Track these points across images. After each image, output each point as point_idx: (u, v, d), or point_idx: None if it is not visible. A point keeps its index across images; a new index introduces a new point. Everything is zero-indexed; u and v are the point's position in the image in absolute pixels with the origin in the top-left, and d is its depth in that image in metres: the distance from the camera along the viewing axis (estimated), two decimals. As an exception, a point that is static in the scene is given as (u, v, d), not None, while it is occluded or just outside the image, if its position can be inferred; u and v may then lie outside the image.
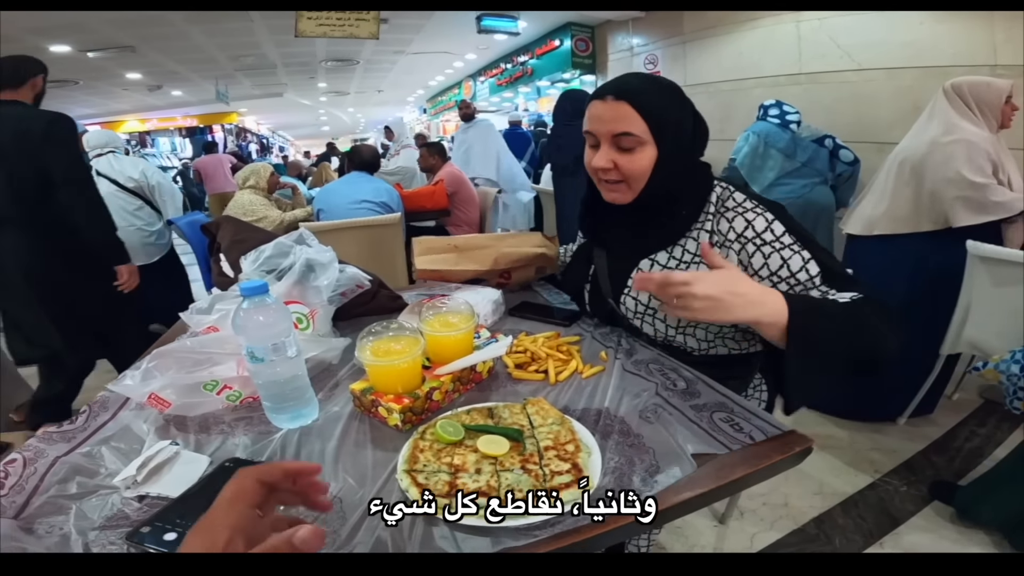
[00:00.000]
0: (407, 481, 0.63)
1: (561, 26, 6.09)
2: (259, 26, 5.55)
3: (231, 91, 8.86)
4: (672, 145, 0.90)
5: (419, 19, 5.78)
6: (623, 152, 0.90)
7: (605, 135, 0.91)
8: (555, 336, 1.04)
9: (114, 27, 5.01)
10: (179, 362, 0.85)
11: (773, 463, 0.69)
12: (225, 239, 1.18)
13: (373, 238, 2.72)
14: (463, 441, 0.71)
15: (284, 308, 0.77)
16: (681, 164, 0.93)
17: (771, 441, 0.72)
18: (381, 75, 9.43)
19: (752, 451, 0.70)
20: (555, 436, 0.71)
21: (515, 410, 0.78)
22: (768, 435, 0.73)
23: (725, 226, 0.91)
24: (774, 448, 0.71)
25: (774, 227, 0.88)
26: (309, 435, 0.78)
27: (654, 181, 0.92)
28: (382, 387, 0.80)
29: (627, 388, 0.86)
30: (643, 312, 1.01)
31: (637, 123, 0.88)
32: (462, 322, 0.90)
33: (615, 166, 0.92)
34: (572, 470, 0.64)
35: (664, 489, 0.63)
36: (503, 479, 0.64)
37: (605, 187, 0.97)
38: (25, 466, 0.73)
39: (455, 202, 3.57)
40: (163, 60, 6.66)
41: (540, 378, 0.91)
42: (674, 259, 0.97)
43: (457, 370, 0.85)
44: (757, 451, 0.70)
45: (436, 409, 0.83)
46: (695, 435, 0.73)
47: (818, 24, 3.63)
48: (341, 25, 4.50)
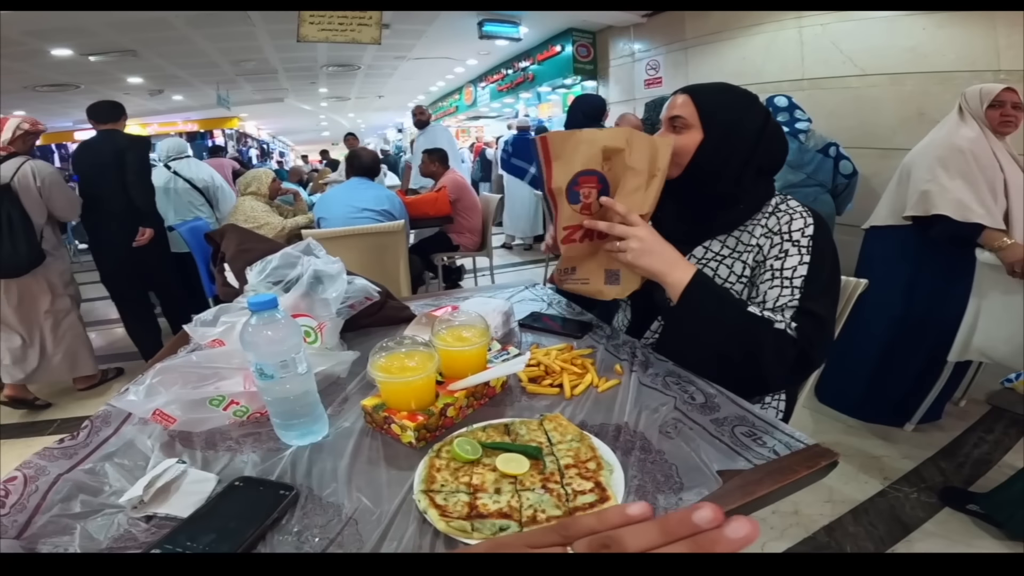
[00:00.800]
0: (425, 502, 0.61)
1: (562, 32, 6.10)
2: (261, 31, 5.54)
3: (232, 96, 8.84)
4: (720, 134, 0.99)
5: (421, 24, 5.78)
6: (674, 131, 1.03)
7: (666, 119, 1.05)
8: (568, 348, 1.02)
9: (116, 31, 5.00)
10: (184, 377, 0.83)
11: (800, 477, 0.67)
12: (230, 248, 1.16)
13: (376, 246, 2.70)
14: (480, 460, 0.68)
15: (294, 323, 0.75)
16: (731, 155, 1.00)
17: (795, 455, 0.70)
18: (382, 80, 9.42)
19: (776, 465, 0.69)
20: (575, 453, 0.69)
21: (532, 426, 0.76)
22: (792, 449, 0.71)
23: (774, 222, 1.01)
24: (799, 462, 0.69)
25: (806, 230, 0.97)
26: (320, 452, 0.76)
27: (697, 160, 1.01)
28: (395, 403, 0.78)
29: (645, 402, 0.84)
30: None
31: (688, 109, 1.01)
32: (476, 336, 0.88)
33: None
34: (595, 489, 0.62)
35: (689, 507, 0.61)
36: (524, 499, 0.62)
37: None
38: (26, 484, 0.71)
39: (457, 209, 3.56)
40: (164, 64, 6.65)
41: (555, 392, 0.89)
42: (727, 248, 1.04)
43: (472, 386, 0.83)
44: (782, 465, 0.69)
45: (450, 426, 0.81)
46: (718, 450, 0.72)
47: (821, 29, 3.63)
48: (343, 30, 4.48)
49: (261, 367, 0.73)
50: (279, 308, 0.74)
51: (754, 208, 1.03)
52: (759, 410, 0.81)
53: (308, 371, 0.78)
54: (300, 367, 0.75)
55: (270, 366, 0.72)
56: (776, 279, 0.95)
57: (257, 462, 0.75)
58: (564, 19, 5.73)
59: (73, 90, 7.48)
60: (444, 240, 3.67)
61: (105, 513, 0.66)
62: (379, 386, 0.80)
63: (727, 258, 1.04)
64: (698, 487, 0.64)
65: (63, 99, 7.98)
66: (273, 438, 0.80)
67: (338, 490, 0.68)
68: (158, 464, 0.70)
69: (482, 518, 0.58)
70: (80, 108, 9.15)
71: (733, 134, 1.00)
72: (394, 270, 2.75)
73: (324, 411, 0.82)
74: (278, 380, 0.73)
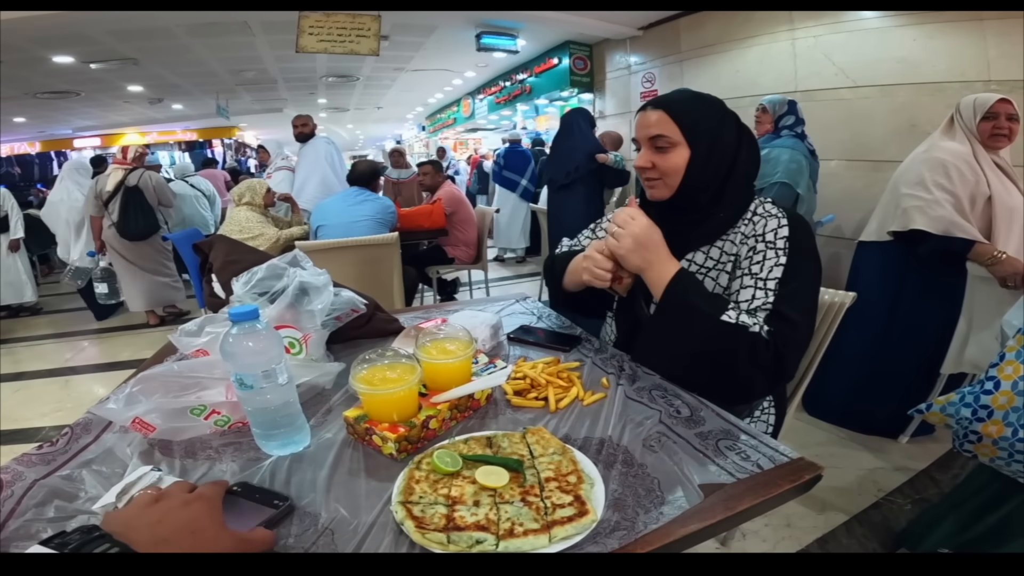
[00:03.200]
0: (402, 513, 0.60)
1: (560, 44, 6.14)
2: (260, 41, 5.57)
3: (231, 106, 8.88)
4: (706, 147, 0.98)
5: (419, 36, 5.82)
6: (659, 152, 1.00)
7: (644, 139, 1.02)
8: (555, 362, 1.01)
9: (117, 39, 5.03)
10: (165, 386, 0.82)
11: (782, 491, 0.67)
12: (217, 259, 1.16)
13: (369, 257, 2.70)
14: (461, 472, 0.68)
15: (275, 334, 0.75)
16: (718, 166, 0.99)
17: (779, 468, 0.70)
18: (381, 92, 9.48)
19: (760, 479, 0.68)
20: (556, 466, 0.69)
21: (515, 439, 0.75)
22: (776, 463, 0.71)
23: (750, 228, 1.00)
24: (782, 476, 0.69)
25: (780, 231, 0.97)
26: (300, 462, 0.76)
27: (688, 177, 1.00)
28: (377, 415, 0.78)
29: (630, 416, 0.84)
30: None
31: (669, 126, 0.99)
32: (460, 349, 0.87)
33: (653, 165, 1.01)
34: (575, 503, 0.62)
35: (670, 521, 0.61)
36: (503, 512, 0.61)
37: (647, 185, 1.06)
38: (1, 488, 0.71)
39: (453, 222, 3.56)
40: (165, 73, 6.69)
41: (540, 406, 0.89)
42: (711, 259, 1.04)
43: (455, 398, 0.82)
44: (765, 479, 0.68)
45: (432, 438, 0.80)
46: (701, 464, 0.71)
47: (813, 42, 3.66)
48: (342, 41, 4.51)
49: (241, 377, 0.72)
50: (260, 319, 0.73)
51: (736, 216, 1.03)
52: (744, 424, 0.81)
53: (289, 382, 0.77)
54: (281, 378, 0.75)
55: (250, 376, 0.72)
56: (749, 279, 0.95)
57: (236, 471, 0.74)
58: (561, 32, 5.77)
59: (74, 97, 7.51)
60: (438, 253, 3.67)
61: (78, 519, 0.65)
62: (361, 398, 0.79)
63: (711, 270, 1.03)
64: (679, 500, 0.64)
65: (63, 106, 8.02)
66: (254, 447, 0.79)
67: (316, 500, 0.67)
68: (134, 471, 0.70)
69: (459, 530, 0.58)
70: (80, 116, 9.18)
71: (717, 144, 0.99)
72: (388, 282, 2.74)
73: (306, 421, 0.82)
74: (258, 391, 0.73)
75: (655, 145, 1.00)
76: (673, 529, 0.60)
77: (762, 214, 1.00)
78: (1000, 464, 1.20)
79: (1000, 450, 1.17)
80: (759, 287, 0.93)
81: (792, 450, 0.73)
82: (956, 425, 1.25)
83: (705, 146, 0.98)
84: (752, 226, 1.00)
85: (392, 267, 2.74)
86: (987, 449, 1.20)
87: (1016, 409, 1.13)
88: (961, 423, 1.23)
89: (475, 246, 3.74)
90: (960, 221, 1.80)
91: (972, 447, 1.23)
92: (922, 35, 3.07)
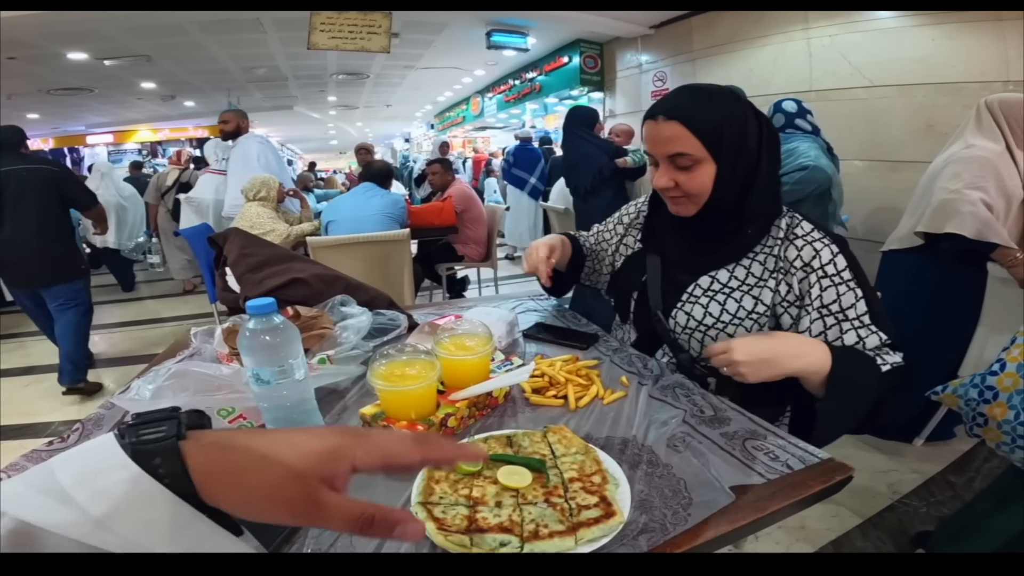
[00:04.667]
0: (423, 515, 0.59)
1: (570, 43, 6.11)
2: (272, 38, 5.58)
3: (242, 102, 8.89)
4: (732, 157, 0.89)
5: (430, 34, 5.81)
6: (681, 171, 0.90)
7: (661, 156, 0.91)
8: (573, 359, 1.00)
9: (131, 36, 5.06)
10: (198, 383, 0.81)
11: (814, 493, 0.65)
12: (232, 252, 1.15)
13: (380, 254, 2.69)
14: (481, 472, 0.66)
15: (293, 328, 0.73)
16: (746, 173, 0.90)
17: (810, 469, 0.69)
18: (390, 90, 9.48)
19: (790, 480, 0.67)
20: (580, 466, 0.67)
21: (535, 438, 0.73)
22: (807, 463, 0.69)
23: (793, 253, 0.92)
24: (813, 477, 0.67)
25: (837, 260, 0.89)
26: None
27: (717, 194, 0.91)
28: (394, 413, 0.76)
29: (653, 415, 0.82)
30: (694, 328, 0.99)
31: (690, 142, 0.87)
32: (479, 345, 0.86)
33: (676, 184, 0.92)
34: (600, 504, 0.60)
35: (700, 522, 0.59)
36: (526, 513, 0.59)
37: (671, 202, 0.97)
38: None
39: (464, 220, 3.55)
40: (177, 70, 6.72)
41: (559, 404, 0.87)
42: (736, 279, 0.97)
43: (474, 396, 0.81)
44: (795, 480, 0.67)
45: (451, 436, 0.79)
46: (729, 464, 0.69)
47: (829, 41, 3.62)
48: (353, 38, 4.51)
49: (257, 372, 0.71)
50: (277, 312, 0.72)
51: (762, 231, 0.95)
52: (769, 424, 0.79)
53: (305, 378, 0.76)
54: (298, 373, 0.73)
55: (267, 371, 0.71)
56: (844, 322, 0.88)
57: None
58: (572, 30, 5.74)
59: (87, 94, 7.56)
60: (449, 250, 3.66)
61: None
62: (379, 394, 0.78)
63: (736, 291, 0.96)
64: (708, 501, 0.62)
65: (76, 103, 8.07)
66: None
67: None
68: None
69: (482, 532, 0.56)
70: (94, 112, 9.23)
71: (742, 153, 0.89)
72: (398, 278, 2.74)
73: (322, 419, 0.81)
74: (275, 386, 0.72)
75: (676, 164, 0.90)
76: (703, 531, 0.59)
77: (803, 236, 0.92)
78: (1005, 451, 1.19)
79: (1004, 434, 1.17)
80: (858, 326, 0.88)
81: (821, 451, 0.72)
82: (965, 407, 1.26)
83: (731, 156, 0.89)
84: (796, 251, 0.91)
85: (403, 263, 2.73)
86: (993, 433, 1.20)
87: (1020, 391, 1.12)
88: (969, 404, 1.24)
89: (485, 244, 3.73)
90: (994, 223, 1.74)
91: (980, 431, 1.23)
92: (941, 35, 3.03)
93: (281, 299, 1.07)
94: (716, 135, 0.87)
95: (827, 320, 0.89)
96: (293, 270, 1.11)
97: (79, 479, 0.33)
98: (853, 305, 0.88)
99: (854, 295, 0.88)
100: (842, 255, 0.90)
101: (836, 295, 0.88)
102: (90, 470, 0.33)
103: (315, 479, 0.37)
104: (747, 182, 0.90)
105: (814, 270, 0.89)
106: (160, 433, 0.36)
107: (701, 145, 0.87)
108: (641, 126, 0.95)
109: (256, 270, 1.11)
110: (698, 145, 0.87)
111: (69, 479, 0.32)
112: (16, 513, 0.31)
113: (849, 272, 0.89)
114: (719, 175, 0.89)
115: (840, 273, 0.89)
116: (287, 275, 1.09)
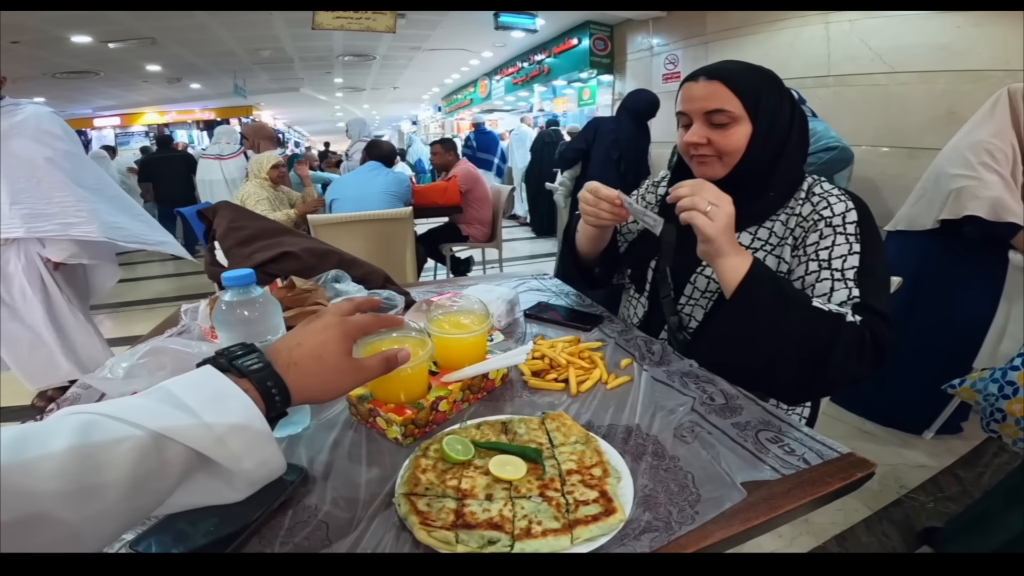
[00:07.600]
0: (406, 507, 0.54)
1: (579, 25, 5.99)
2: (277, 19, 5.52)
3: (248, 85, 8.86)
4: (767, 123, 0.89)
5: (436, 15, 5.72)
6: (716, 128, 0.90)
7: (698, 112, 0.92)
8: (575, 341, 0.94)
9: (135, 18, 5.01)
10: (175, 360, 0.76)
11: (833, 490, 0.60)
12: (221, 225, 1.10)
13: (382, 232, 2.67)
14: (472, 461, 0.61)
15: (273, 301, 0.68)
16: (776, 145, 0.91)
17: (828, 465, 0.63)
18: (397, 71, 9.38)
19: (807, 476, 0.61)
20: (579, 457, 0.61)
21: (532, 425, 0.68)
22: (824, 458, 0.64)
23: (808, 209, 0.92)
24: (832, 473, 0.61)
25: (848, 215, 0.88)
26: (297, 446, 0.69)
27: (749, 156, 0.90)
28: (382, 395, 0.71)
29: (659, 402, 0.76)
30: (715, 291, 0.97)
31: (731, 100, 0.88)
32: (475, 323, 0.80)
33: (708, 142, 0.91)
34: (600, 499, 0.54)
35: (708, 521, 0.54)
36: (519, 508, 0.54)
37: (696, 162, 0.96)
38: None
39: (468, 200, 3.51)
40: (182, 52, 6.67)
41: (560, 388, 0.81)
42: (759, 240, 0.95)
43: (468, 378, 0.75)
44: (813, 476, 0.61)
45: (442, 421, 0.73)
46: (740, 458, 0.64)
47: (849, 26, 3.51)
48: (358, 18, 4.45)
49: (234, 350, 0.66)
50: (256, 285, 0.67)
51: (786, 195, 0.94)
52: (784, 415, 0.73)
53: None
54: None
55: (244, 348, 0.65)
56: (824, 270, 0.85)
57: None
58: (582, 12, 5.64)
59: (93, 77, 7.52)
60: (453, 230, 3.61)
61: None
62: (366, 375, 0.72)
63: (758, 251, 0.95)
64: (717, 498, 0.57)
65: (82, 86, 8.04)
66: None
67: (311, 487, 0.61)
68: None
69: (469, 528, 0.51)
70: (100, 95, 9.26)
71: (777, 122, 0.90)
72: (400, 256, 2.71)
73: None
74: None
75: (712, 121, 0.90)
76: (711, 531, 0.53)
77: (821, 194, 0.91)
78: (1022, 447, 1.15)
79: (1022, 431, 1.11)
80: (837, 278, 0.84)
81: (840, 444, 0.66)
82: (983, 402, 1.23)
83: (767, 121, 0.89)
84: (812, 207, 0.91)
85: (406, 242, 2.71)
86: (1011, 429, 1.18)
87: None
88: (988, 399, 1.21)
89: (490, 224, 3.68)
90: (1010, 202, 1.69)
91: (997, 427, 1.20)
92: (966, 22, 2.94)
93: (272, 273, 1.03)
94: (755, 98, 0.89)
95: (810, 264, 0.88)
96: (284, 244, 1.06)
97: (203, 402, 0.42)
98: (843, 257, 0.86)
99: (848, 247, 0.86)
100: (856, 211, 0.89)
101: (831, 244, 0.87)
102: (212, 395, 0.43)
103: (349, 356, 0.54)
104: (777, 151, 0.91)
105: (823, 219, 0.89)
106: (260, 363, 0.49)
107: (740, 104, 0.88)
108: (677, 91, 0.96)
109: (245, 244, 1.05)
110: (737, 104, 0.88)
111: (196, 401, 0.42)
112: (157, 427, 0.39)
113: (856, 228, 0.87)
114: (753, 137, 0.89)
115: (845, 225, 0.87)
116: (277, 248, 1.04)
